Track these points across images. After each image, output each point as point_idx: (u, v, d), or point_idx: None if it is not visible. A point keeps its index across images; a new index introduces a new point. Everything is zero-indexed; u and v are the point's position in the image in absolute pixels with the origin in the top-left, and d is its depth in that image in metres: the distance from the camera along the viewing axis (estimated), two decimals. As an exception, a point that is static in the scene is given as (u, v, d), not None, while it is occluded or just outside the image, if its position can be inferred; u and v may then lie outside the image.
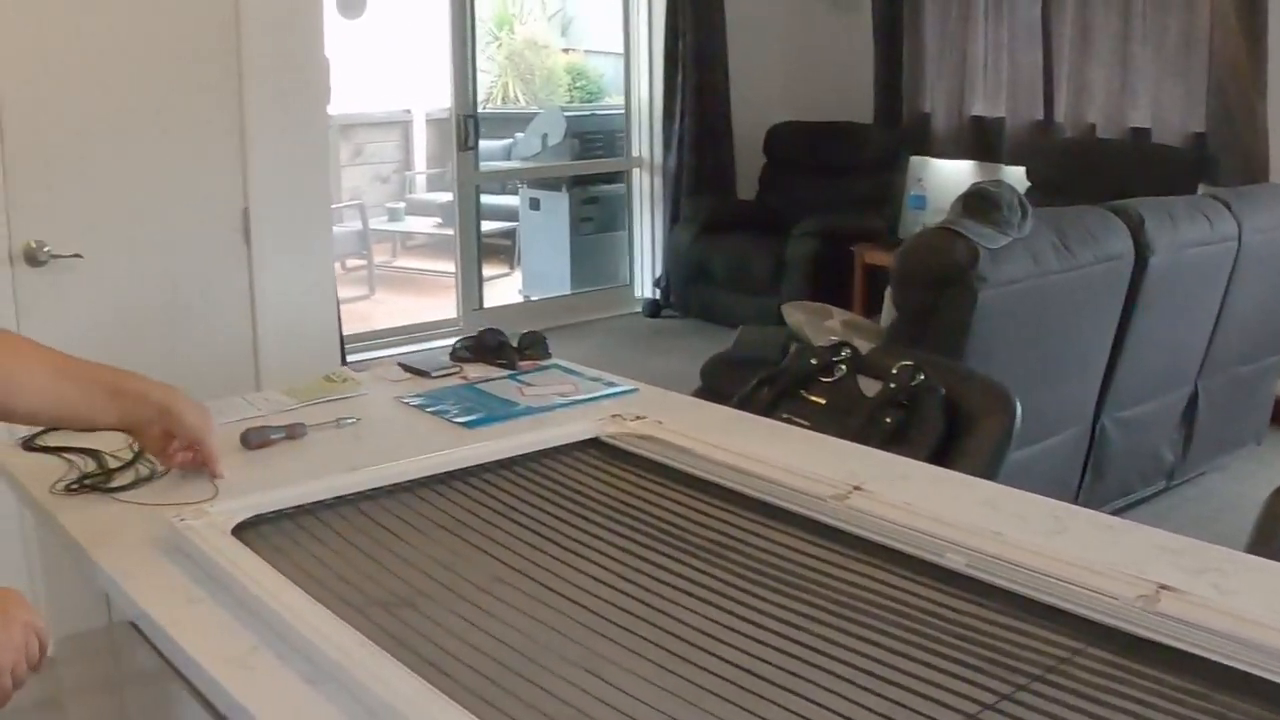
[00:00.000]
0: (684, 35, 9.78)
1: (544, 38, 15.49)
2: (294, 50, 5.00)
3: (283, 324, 5.02)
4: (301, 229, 5.07)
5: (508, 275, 11.91)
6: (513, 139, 13.05)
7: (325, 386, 3.14)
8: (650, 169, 10.20)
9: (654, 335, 9.41)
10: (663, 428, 2.55)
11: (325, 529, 2.20)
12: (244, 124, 4.86)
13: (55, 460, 2.66)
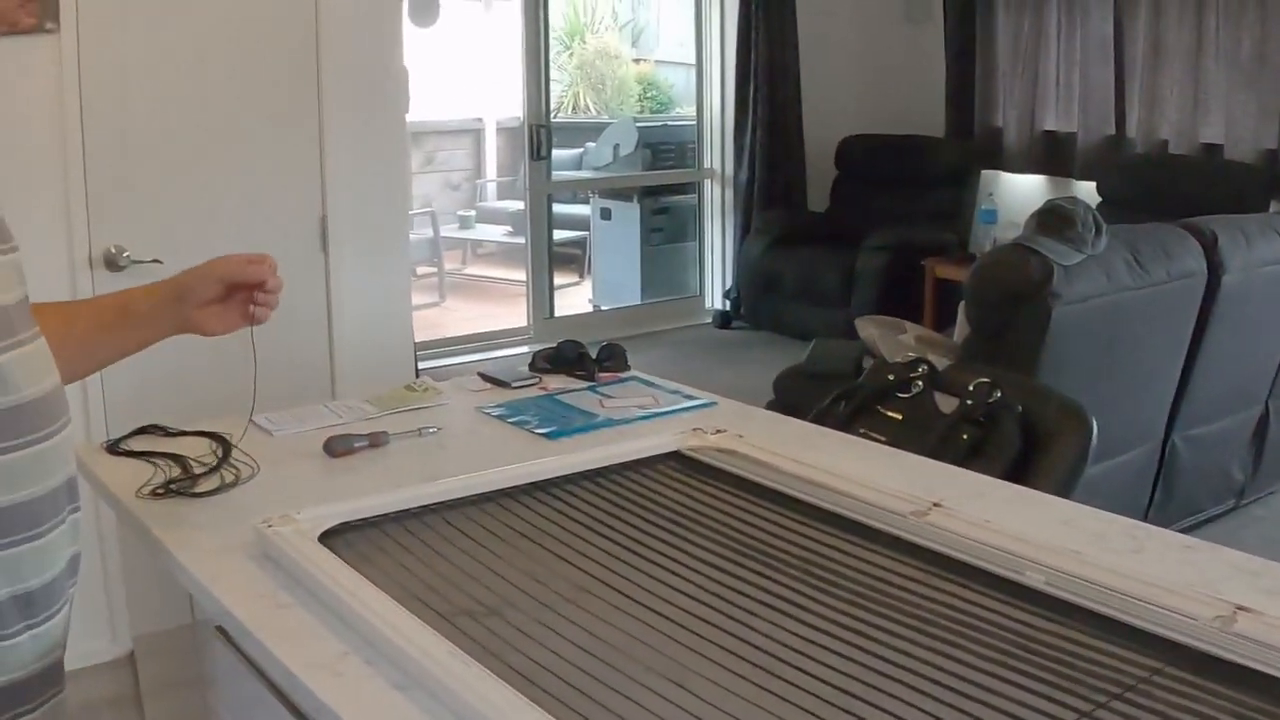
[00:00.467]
0: (756, 47, 9.78)
1: (615, 48, 15.51)
2: (373, 59, 5.05)
3: (358, 332, 5.07)
4: (378, 237, 5.11)
5: (577, 284, 11.93)
6: (583, 148, 13.07)
7: (407, 396, 3.17)
8: (721, 180, 10.21)
9: (724, 346, 9.41)
10: (743, 441, 2.57)
11: (410, 537, 2.23)
12: (323, 132, 4.91)
13: (138, 463, 2.71)
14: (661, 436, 2.67)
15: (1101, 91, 9.08)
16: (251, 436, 2.86)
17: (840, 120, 10.06)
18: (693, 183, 10.59)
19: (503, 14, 14.55)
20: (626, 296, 10.69)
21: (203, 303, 2.30)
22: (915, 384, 3.79)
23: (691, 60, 10.92)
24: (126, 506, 2.49)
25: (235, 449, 2.73)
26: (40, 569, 1.82)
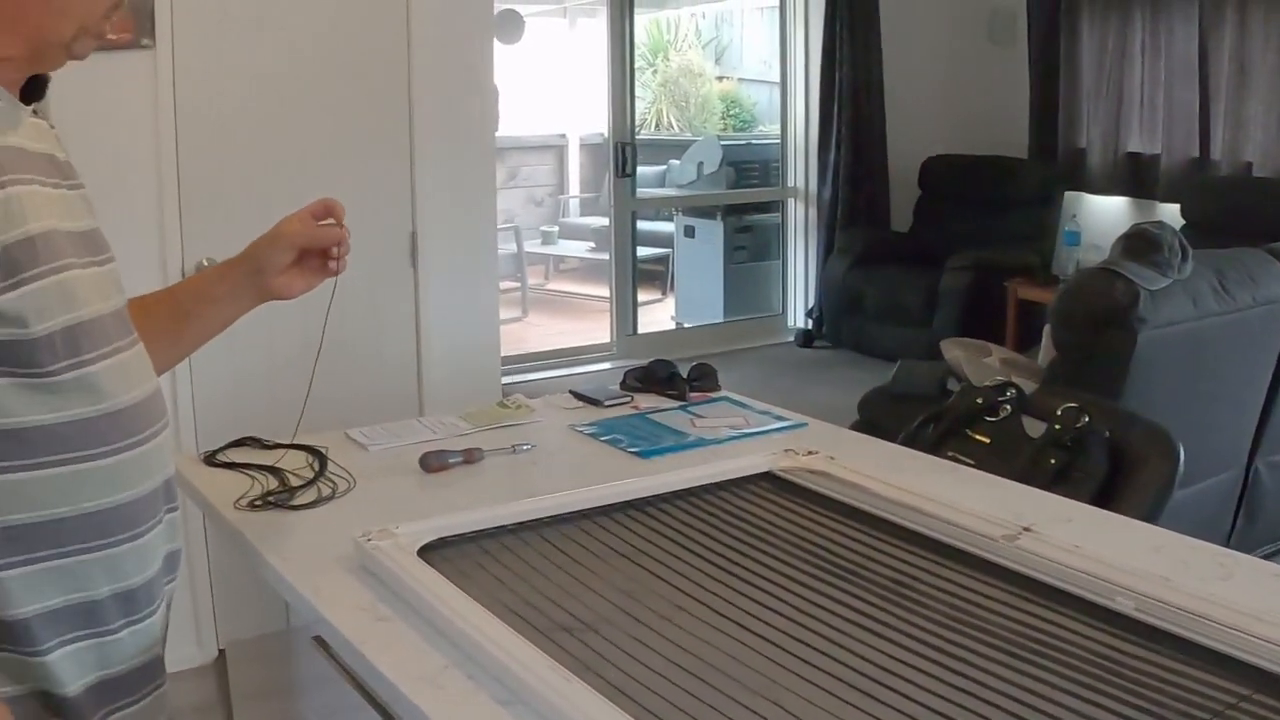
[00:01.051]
0: (841, 66, 9.78)
1: (698, 65, 15.53)
2: (464, 76, 5.09)
3: (447, 348, 5.11)
4: (467, 253, 5.15)
5: (660, 301, 11.96)
6: (666, 165, 13.09)
7: (500, 413, 3.20)
8: (805, 199, 10.21)
9: (806, 365, 9.41)
10: (835, 463, 2.58)
11: (507, 553, 2.26)
12: (413, 148, 4.96)
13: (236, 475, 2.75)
14: (753, 457, 2.69)
15: (1186, 113, 9.04)
16: (347, 451, 2.91)
17: (924, 140, 10.04)
18: (776, 201, 10.58)
19: (586, 30, 14.62)
20: (709, 314, 10.69)
21: (279, 271, 2.31)
22: (1003, 408, 3.80)
23: (774, 78, 10.93)
24: (225, 517, 2.53)
25: (331, 463, 2.77)
26: (140, 567, 1.88)
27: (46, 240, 1.78)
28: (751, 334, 10.13)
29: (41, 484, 1.74)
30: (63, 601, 1.78)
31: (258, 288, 2.32)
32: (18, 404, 1.73)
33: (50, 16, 1.80)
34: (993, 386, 3.94)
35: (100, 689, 1.85)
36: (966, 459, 3.48)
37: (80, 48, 1.84)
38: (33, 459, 1.74)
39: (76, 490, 1.78)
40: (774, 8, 10.46)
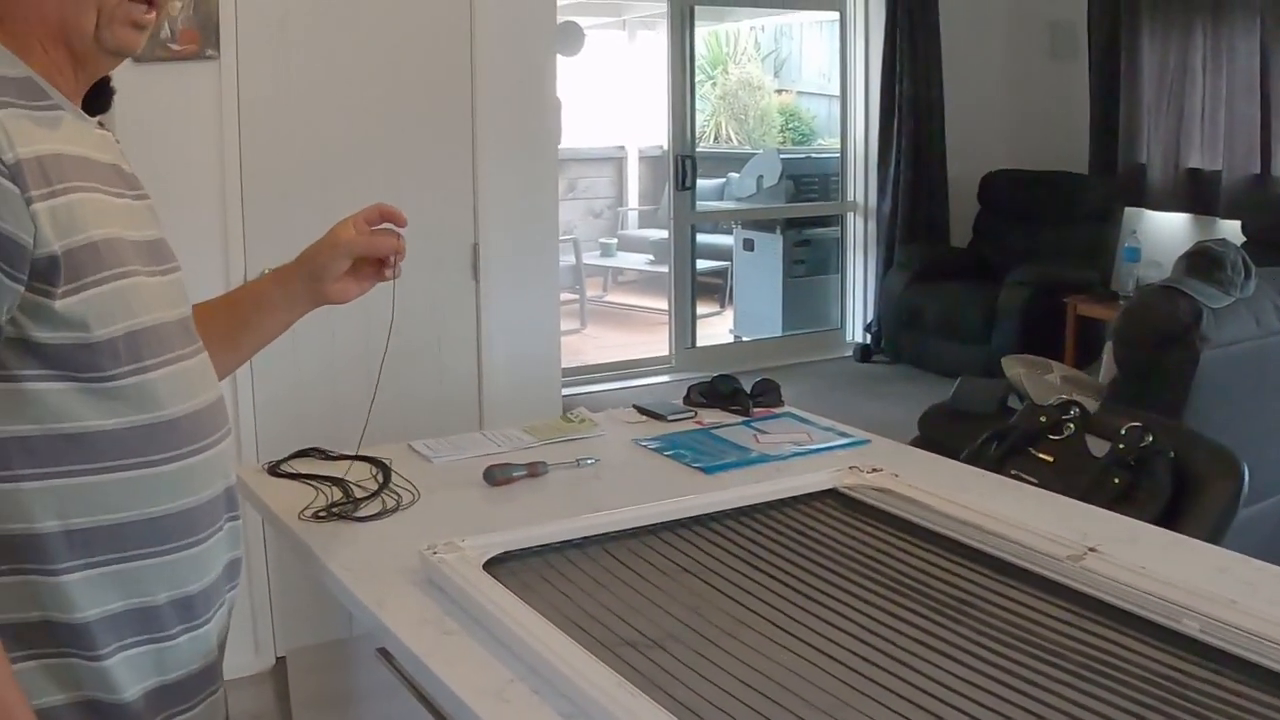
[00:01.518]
0: (901, 80, 9.77)
1: (757, 78, 15.53)
2: (526, 89, 5.11)
3: (507, 359, 5.12)
4: (529, 265, 5.17)
5: (718, 314, 11.95)
6: (725, 178, 13.10)
7: (564, 426, 3.21)
8: (864, 213, 10.20)
9: (865, 380, 9.39)
10: (899, 481, 2.59)
11: (572, 567, 2.27)
12: (476, 161, 4.97)
13: (299, 485, 2.77)
14: (817, 474, 2.69)
15: (1247, 129, 8.97)
16: (411, 462, 2.92)
17: (983, 155, 10.02)
18: (835, 215, 10.57)
19: (646, 43, 14.64)
20: (767, 328, 10.68)
21: (335, 278, 2.32)
22: (1067, 426, 3.79)
23: (833, 91, 10.93)
24: (289, 528, 2.55)
25: (395, 474, 2.79)
26: (199, 574, 1.90)
27: (109, 246, 1.80)
28: (810, 348, 10.12)
29: (103, 488, 1.77)
30: (122, 606, 1.81)
31: (313, 293, 2.34)
32: (80, 408, 1.75)
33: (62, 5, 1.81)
34: (1056, 405, 3.93)
35: (156, 695, 1.87)
36: (1030, 477, 3.48)
37: (110, 38, 1.84)
38: (94, 463, 1.76)
39: (137, 495, 1.80)
40: (834, 21, 10.45)
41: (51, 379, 1.74)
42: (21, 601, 1.74)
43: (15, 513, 1.72)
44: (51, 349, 1.73)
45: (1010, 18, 10.16)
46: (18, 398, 1.72)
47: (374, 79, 4.81)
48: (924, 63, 9.78)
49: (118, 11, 1.82)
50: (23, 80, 1.79)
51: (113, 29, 1.83)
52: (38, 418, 1.73)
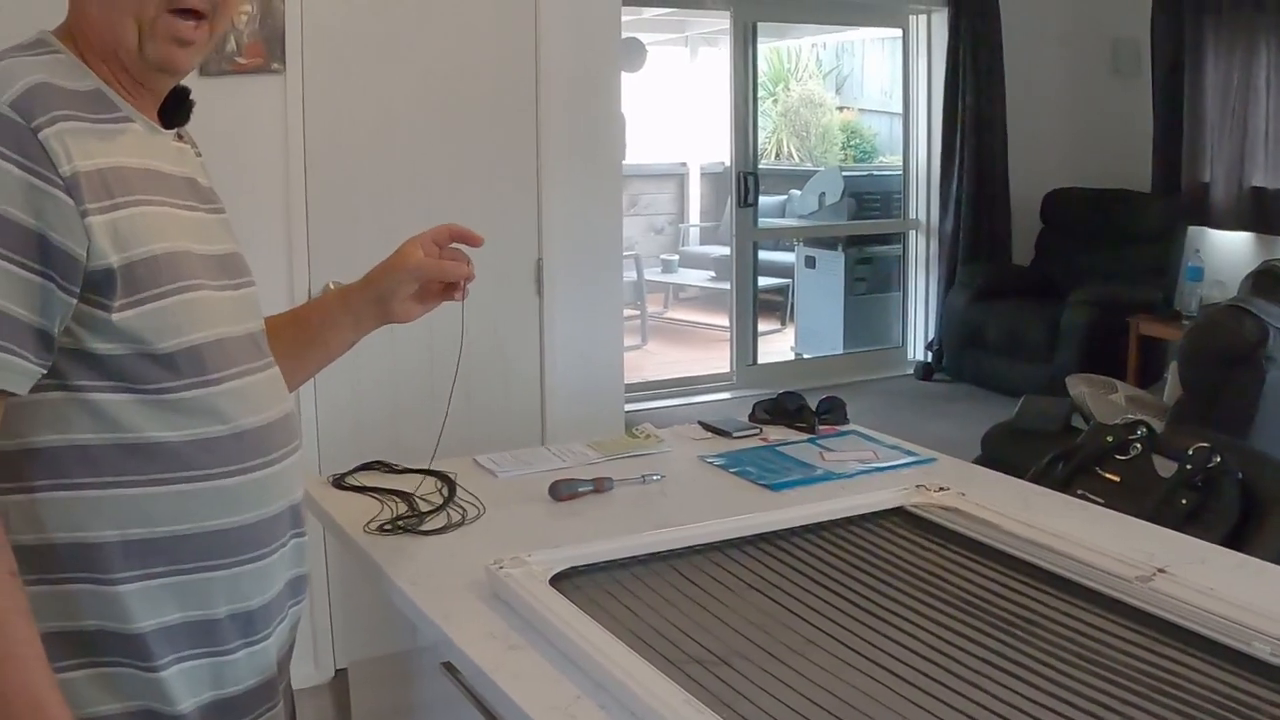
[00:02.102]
0: (963, 97, 9.75)
1: (819, 95, 15.52)
2: (590, 106, 5.12)
3: (570, 375, 5.13)
4: (592, 282, 5.17)
5: (779, 331, 11.93)
6: (787, 195, 13.09)
7: (629, 442, 3.22)
8: (926, 231, 10.18)
9: (926, 398, 9.37)
10: (966, 500, 2.58)
11: (638, 584, 2.27)
12: (540, 176, 4.99)
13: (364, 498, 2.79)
14: (884, 492, 2.69)
15: (1313, 147, 8.92)
16: (476, 477, 2.93)
17: (1046, 173, 9.99)
18: (897, 233, 10.55)
19: (707, 59, 14.66)
20: (828, 345, 10.67)
21: (402, 298, 2.33)
22: (1134, 446, 3.78)
23: (894, 109, 10.93)
24: (355, 541, 2.56)
25: (460, 488, 2.80)
26: (260, 590, 1.91)
27: (173, 260, 1.81)
28: (871, 366, 10.10)
29: (161, 500, 1.78)
30: (180, 618, 1.82)
31: (380, 313, 2.35)
32: (139, 419, 1.77)
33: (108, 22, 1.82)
34: (1123, 425, 3.92)
35: (212, 708, 1.88)
36: (1096, 497, 3.47)
37: (153, 54, 1.84)
38: (153, 474, 1.78)
39: (196, 508, 1.82)
40: (896, 38, 10.45)
41: (110, 389, 1.76)
42: (77, 610, 1.76)
43: (73, 521, 1.74)
44: (110, 360, 1.75)
45: (1073, 34, 10.12)
46: (77, 407, 1.74)
47: (438, 94, 4.83)
48: (986, 80, 9.76)
49: (157, 27, 1.82)
50: (91, 93, 1.80)
51: (155, 45, 1.84)
52: (97, 428, 1.75)
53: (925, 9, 9.94)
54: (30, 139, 1.67)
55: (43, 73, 1.75)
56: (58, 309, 1.69)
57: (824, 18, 11.42)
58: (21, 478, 1.74)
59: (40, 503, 1.74)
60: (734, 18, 9.44)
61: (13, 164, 1.65)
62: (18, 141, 1.66)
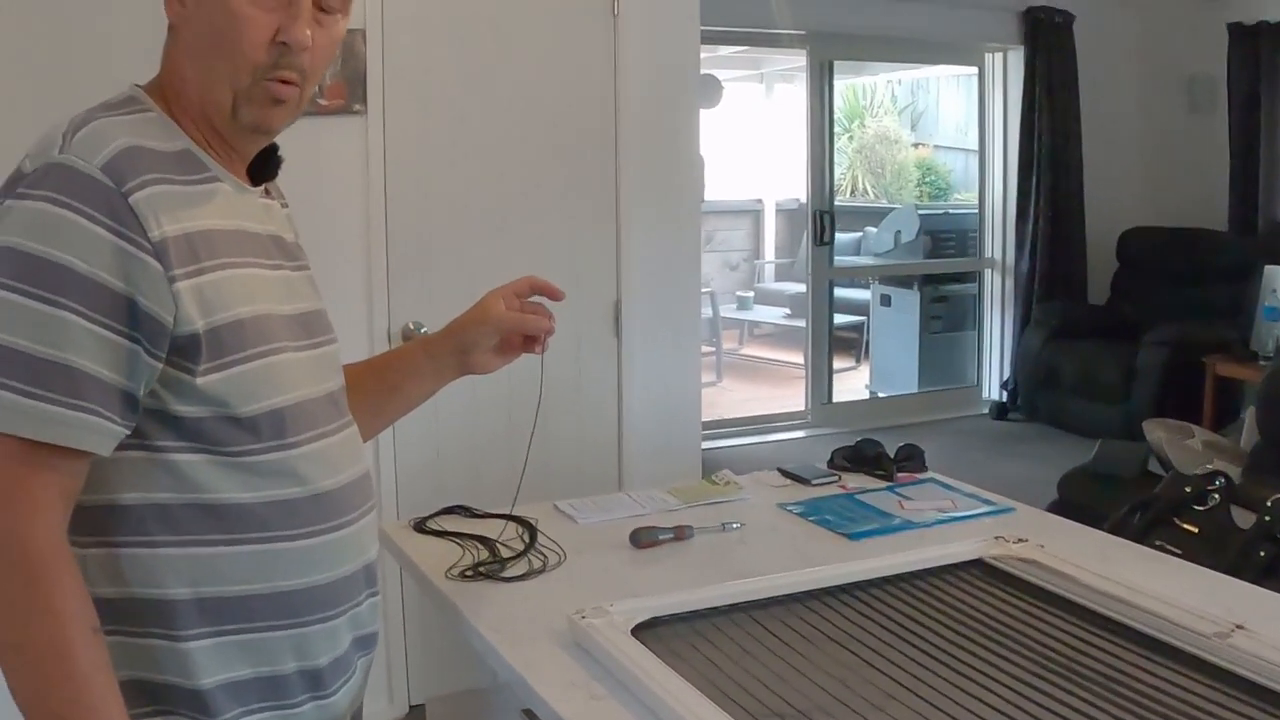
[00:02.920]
0: (1039, 136, 9.74)
1: (894, 132, 15.51)
2: (669, 144, 5.14)
3: (647, 415, 5.14)
4: (670, 323, 5.18)
5: (854, 369, 11.91)
6: (862, 233, 13.08)
7: (709, 489, 3.23)
8: (1002, 270, 10.16)
9: (1001, 438, 9.33)
10: (1044, 552, 2.58)
11: (719, 634, 2.28)
12: (619, 216, 5.00)
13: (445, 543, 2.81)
14: (963, 543, 2.69)
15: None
16: (556, 522, 2.95)
17: (1122, 211, 9.97)
18: (972, 271, 10.53)
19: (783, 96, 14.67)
20: (903, 384, 10.65)
21: (483, 350, 2.36)
22: (1211, 497, 3.76)
23: (969, 145, 10.93)
24: (436, 586, 2.58)
25: (541, 534, 2.82)
26: (330, 648, 1.93)
27: (257, 324, 1.84)
28: (945, 405, 10.08)
29: (236, 560, 1.81)
30: (249, 674, 1.84)
31: (460, 364, 2.38)
32: (217, 481, 1.79)
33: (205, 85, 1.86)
34: (1201, 475, 3.90)
35: None
36: (1174, 548, 3.46)
37: (247, 114, 1.87)
38: (229, 535, 1.81)
39: (271, 569, 1.84)
40: (971, 75, 10.46)
41: (191, 451, 1.78)
42: (150, 662, 1.78)
43: (149, 578, 1.77)
44: (191, 422, 1.78)
45: (1148, 72, 10.11)
46: (158, 467, 1.77)
47: (518, 133, 4.86)
48: (1062, 118, 9.75)
49: (254, 91, 1.85)
50: (180, 154, 1.83)
51: (250, 107, 1.87)
52: (176, 488, 1.78)
53: (1001, 47, 9.95)
54: (121, 203, 1.70)
55: (133, 134, 1.78)
56: (144, 372, 1.73)
57: (900, 56, 11.43)
58: (103, 533, 1.77)
59: (120, 558, 1.77)
60: (810, 56, 9.47)
61: (104, 228, 1.68)
62: (109, 205, 1.69)
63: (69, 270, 1.66)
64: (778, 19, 8.55)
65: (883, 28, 9.27)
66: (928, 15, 9.26)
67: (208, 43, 1.84)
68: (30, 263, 1.66)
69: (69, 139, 1.74)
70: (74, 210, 1.68)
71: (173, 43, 1.89)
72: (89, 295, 1.67)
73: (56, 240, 1.66)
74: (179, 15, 1.86)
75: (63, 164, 1.71)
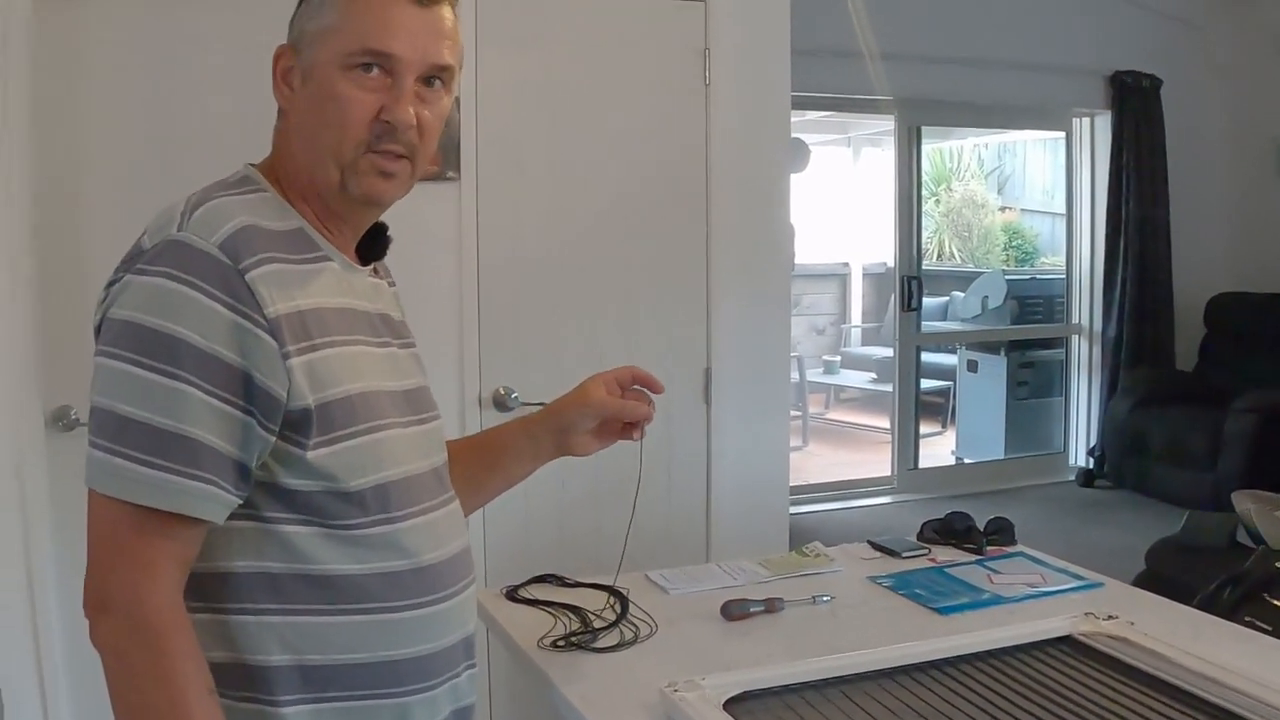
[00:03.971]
0: (1127, 201, 9.70)
1: (981, 195, 15.47)
2: (760, 213, 5.15)
3: (735, 483, 5.14)
4: (759, 389, 5.19)
5: (939, 434, 11.86)
6: (949, 297, 13.05)
7: (799, 561, 3.26)
8: (1089, 336, 10.11)
9: (1088, 506, 9.25)
10: (1134, 629, 2.59)
11: (810, 709, 2.29)
12: (709, 284, 5.02)
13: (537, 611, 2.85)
14: (1052, 620, 2.69)
15: None
16: (647, 593, 2.98)
17: (1209, 276, 9.91)
18: (1059, 337, 10.49)
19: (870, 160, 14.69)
20: (989, 450, 10.57)
21: (581, 432, 2.41)
22: (1302, 572, 3.76)
23: (1056, 209, 10.88)
24: (528, 655, 2.61)
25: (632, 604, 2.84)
26: (428, 717, 1.96)
27: (365, 400, 1.89)
28: (1031, 471, 10.00)
29: (341, 630, 1.85)
30: None
31: (559, 445, 2.43)
32: (325, 552, 1.84)
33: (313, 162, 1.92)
34: (1292, 551, 3.89)
35: None
36: (1264, 625, 3.45)
37: (354, 187, 1.92)
38: (335, 605, 1.85)
39: (375, 639, 1.88)
40: (1058, 139, 10.43)
41: (300, 523, 1.83)
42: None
43: (253, 644, 1.82)
44: (301, 495, 1.83)
45: (1236, 135, 10.07)
46: (266, 537, 1.82)
47: (610, 201, 4.89)
48: (1150, 182, 9.71)
49: (360, 164, 1.91)
50: (292, 233, 1.89)
51: (357, 179, 1.92)
52: (283, 558, 1.82)
53: (1088, 112, 9.92)
54: (238, 281, 1.76)
55: (249, 213, 1.84)
56: (257, 444, 1.78)
57: (988, 121, 11.42)
58: (211, 599, 1.82)
59: (227, 624, 1.82)
60: (898, 121, 9.47)
61: (221, 304, 1.74)
62: (226, 283, 1.75)
63: (187, 344, 1.71)
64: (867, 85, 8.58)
65: (970, 93, 9.27)
66: (1015, 81, 9.26)
67: (314, 122, 1.91)
68: (150, 336, 1.72)
69: (187, 217, 1.80)
70: (192, 286, 1.73)
71: (282, 125, 1.97)
72: (206, 369, 1.72)
73: (175, 315, 1.72)
74: (287, 99, 1.94)
75: (181, 241, 1.77)
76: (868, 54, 8.27)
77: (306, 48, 1.92)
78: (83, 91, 4.11)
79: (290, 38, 1.95)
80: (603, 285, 4.87)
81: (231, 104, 3.93)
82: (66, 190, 4.11)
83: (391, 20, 1.89)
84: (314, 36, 1.91)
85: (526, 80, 4.73)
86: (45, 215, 4.10)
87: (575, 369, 4.20)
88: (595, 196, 4.87)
